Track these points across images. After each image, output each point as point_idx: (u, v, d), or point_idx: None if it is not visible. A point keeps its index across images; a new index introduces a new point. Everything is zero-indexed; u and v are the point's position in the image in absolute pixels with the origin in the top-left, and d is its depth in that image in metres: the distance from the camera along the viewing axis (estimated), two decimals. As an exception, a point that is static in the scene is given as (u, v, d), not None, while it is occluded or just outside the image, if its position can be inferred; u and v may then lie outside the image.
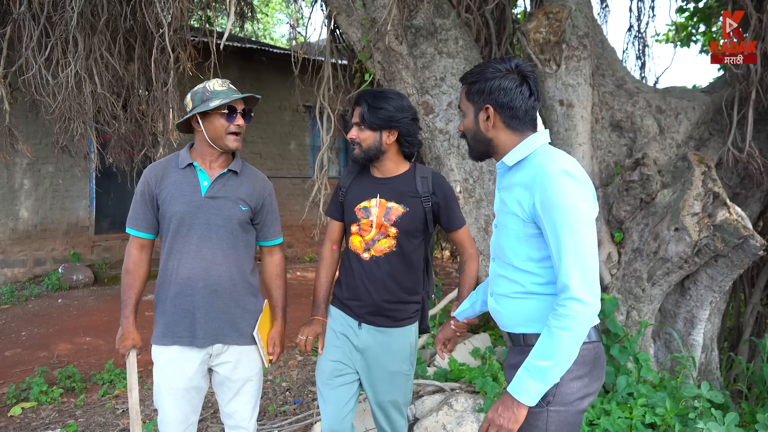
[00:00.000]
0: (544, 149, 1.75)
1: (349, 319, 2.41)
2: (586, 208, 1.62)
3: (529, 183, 1.68)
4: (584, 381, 1.71)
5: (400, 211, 2.34)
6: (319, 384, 2.44)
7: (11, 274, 8.48)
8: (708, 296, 3.60)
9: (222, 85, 2.34)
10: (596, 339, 1.76)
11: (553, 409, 1.68)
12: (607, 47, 4.42)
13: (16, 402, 4.27)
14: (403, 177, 2.39)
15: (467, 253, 2.48)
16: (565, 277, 1.59)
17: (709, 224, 3.33)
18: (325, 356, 2.43)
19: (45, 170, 8.57)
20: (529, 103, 1.75)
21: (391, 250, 2.36)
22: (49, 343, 5.80)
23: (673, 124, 4.14)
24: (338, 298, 2.47)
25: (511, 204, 1.75)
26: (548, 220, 1.63)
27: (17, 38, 4.73)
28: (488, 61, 1.80)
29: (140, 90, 5.32)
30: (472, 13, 4.57)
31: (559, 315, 1.59)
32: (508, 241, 1.78)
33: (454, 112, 4.03)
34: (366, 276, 2.35)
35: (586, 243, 1.59)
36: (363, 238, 2.37)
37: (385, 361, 2.39)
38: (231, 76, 9.86)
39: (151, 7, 4.08)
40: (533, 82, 1.75)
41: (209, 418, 3.86)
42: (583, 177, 1.66)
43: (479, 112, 1.78)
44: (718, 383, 3.87)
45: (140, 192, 2.38)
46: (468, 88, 1.81)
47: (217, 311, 2.33)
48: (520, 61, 1.77)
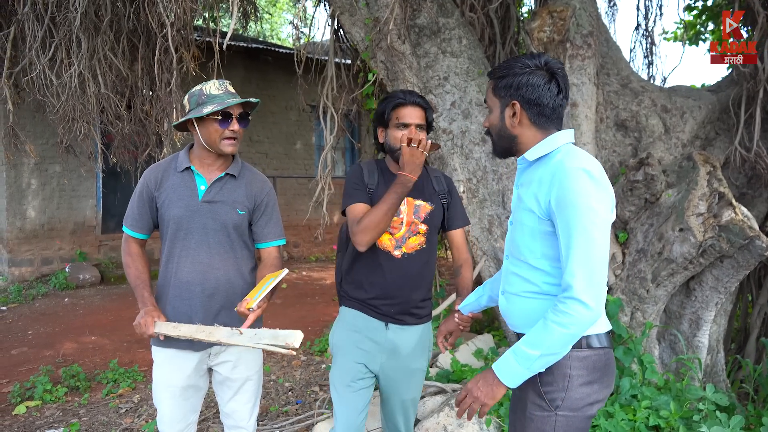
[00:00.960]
0: (567, 147, 1.72)
1: (374, 321, 2.35)
2: (601, 210, 1.59)
3: (547, 179, 1.66)
4: (594, 387, 1.69)
5: (428, 208, 2.37)
6: (339, 385, 2.37)
7: (19, 273, 8.54)
8: (713, 297, 3.56)
9: (219, 89, 2.30)
10: (607, 345, 1.73)
11: (562, 414, 1.67)
12: (612, 46, 4.38)
13: (20, 400, 4.29)
14: (422, 176, 2.40)
15: (463, 257, 2.47)
16: (570, 276, 1.56)
17: (715, 225, 3.29)
18: (349, 357, 2.36)
19: (52, 170, 8.62)
20: (556, 101, 1.72)
21: (422, 247, 2.37)
22: (55, 342, 5.83)
23: (679, 123, 4.10)
24: (358, 299, 2.39)
25: (527, 200, 1.72)
26: (562, 217, 1.60)
27: (21, 38, 4.75)
28: (517, 57, 1.77)
29: (144, 90, 5.33)
30: (475, 12, 4.54)
31: (558, 311, 1.58)
32: (523, 237, 1.75)
33: (458, 111, 4.01)
34: (399, 273, 2.33)
35: (596, 245, 1.56)
36: (393, 236, 2.34)
37: (409, 359, 2.39)
38: (237, 75, 9.90)
39: (154, 7, 4.09)
40: (562, 80, 1.72)
41: (211, 418, 3.86)
42: (603, 179, 1.63)
43: (505, 108, 1.76)
44: (724, 385, 3.83)
45: (139, 193, 2.38)
46: (495, 83, 1.78)
47: (215, 315, 2.32)
48: (550, 58, 1.74)
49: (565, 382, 1.67)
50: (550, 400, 1.68)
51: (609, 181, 1.67)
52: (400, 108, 2.33)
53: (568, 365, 1.67)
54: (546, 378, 1.69)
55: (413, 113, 2.32)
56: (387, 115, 2.35)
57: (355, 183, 2.37)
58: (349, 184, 2.38)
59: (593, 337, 1.70)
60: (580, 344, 1.67)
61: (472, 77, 4.05)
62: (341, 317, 2.45)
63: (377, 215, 2.19)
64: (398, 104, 2.33)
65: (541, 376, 1.69)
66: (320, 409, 3.72)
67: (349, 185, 2.38)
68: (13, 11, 4.72)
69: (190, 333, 2.13)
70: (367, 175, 2.38)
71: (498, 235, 3.94)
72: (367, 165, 2.43)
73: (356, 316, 2.38)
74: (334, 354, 2.42)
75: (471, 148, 3.99)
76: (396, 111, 2.33)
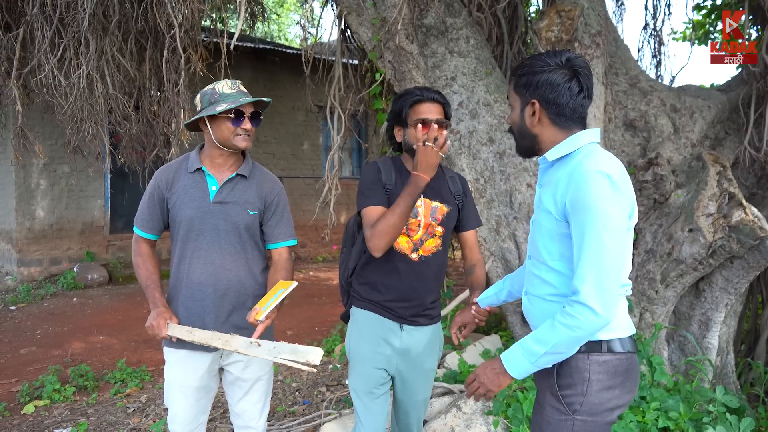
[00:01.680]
0: (589, 148, 1.68)
1: (389, 322, 2.33)
2: (616, 215, 1.55)
3: (564, 180, 1.63)
4: (615, 392, 1.66)
5: (444, 210, 2.35)
6: (361, 393, 2.35)
7: (27, 273, 8.58)
8: (723, 298, 3.54)
9: (231, 88, 2.31)
10: (631, 350, 1.69)
11: (580, 418, 1.65)
12: (620, 45, 4.36)
13: (29, 400, 4.31)
14: (438, 177, 2.37)
15: (476, 257, 2.45)
16: (580, 280, 1.54)
17: (725, 225, 3.26)
18: (370, 363, 2.33)
19: (61, 170, 8.66)
20: (577, 100, 1.67)
21: (438, 249, 2.35)
22: (63, 341, 5.86)
23: (688, 123, 4.08)
24: (374, 300, 2.35)
25: (546, 201, 1.69)
26: (576, 220, 1.58)
27: (30, 39, 4.77)
28: (539, 54, 1.73)
29: (152, 91, 5.35)
30: (483, 11, 4.53)
31: (566, 313, 1.56)
32: (542, 238, 1.73)
33: (465, 111, 4.00)
34: (415, 276, 2.31)
35: (608, 250, 1.53)
36: (411, 238, 2.31)
37: (423, 359, 2.39)
38: (244, 76, 9.92)
39: (162, 7, 4.10)
40: (584, 78, 1.67)
41: (218, 417, 3.86)
42: (622, 182, 1.59)
43: (525, 107, 1.73)
44: (734, 387, 3.80)
45: (149, 194, 2.38)
46: (516, 80, 1.75)
47: (227, 316, 2.33)
48: (573, 55, 1.68)
49: (584, 386, 1.64)
50: (568, 403, 1.66)
51: (630, 185, 1.64)
52: (418, 105, 2.28)
53: (588, 369, 1.64)
54: (564, 381, 1.66)
55: (432, 109, 2.28)
56: (405, 112, 2.30)
57: (372, 182, 2.31)
58: (365, 184, 2.32)
59: (615, 342, 1.66)
60: (601, 348, 1.64)
61: (479, 77, 4.03)
62: (355, 320, 2.42)
63: (392, 219, 2.15)
64: (416, 101, 2.29)
65: (560, 379, 1.67)
66: (327, 409, 3.72)
67: (364, 185, 2.32)
68: (22, 12, 4.74)
69: (206, 339, 2.12)
70: (384, 173, 2.33)
71: (505, 235, 3.93)
72: (383, 163, 2.37)
73: (370, 317, 2.36)
74: (352, 360, 2.39)
75: (478, 149, 3.98)
76: (414, 108, 2.29)
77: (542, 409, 1.73)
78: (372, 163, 2.38)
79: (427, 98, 2.29)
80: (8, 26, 5.07)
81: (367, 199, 2.28)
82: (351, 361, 2.41)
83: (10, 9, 4.98)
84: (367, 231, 2.21)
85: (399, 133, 2.36)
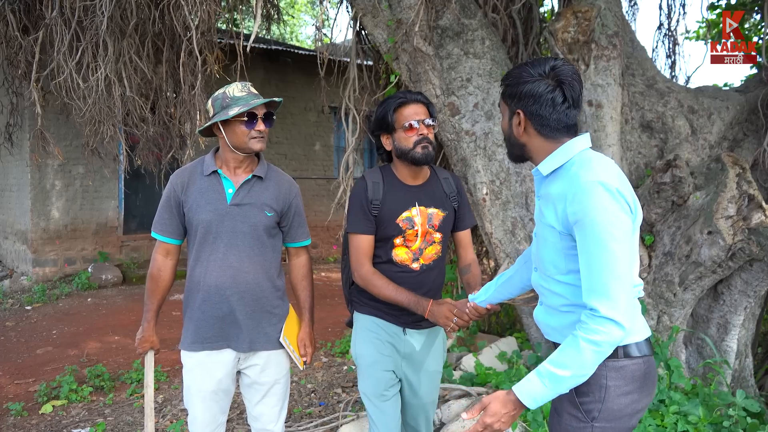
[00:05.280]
0: (582, 156, 1.66)
1: (392, 327, 2.35)
2: (621, 222, 1.53)
3: (563, 194, 1.61)
4: (633, 397, 1.64)
5: (440, 215, 2.34)
6: (373, 397, 2.34)
7: (42, 273, 8.65)
8: (742, 301, 3.51)
9: (242, 91, 2.32)
10: (648, 353, 1.68)
11: (599, 425, 1.63)
12: (637, 46, 4.34)
13: (47, 400, 4.34)
14: (431, 181, 2.38)
15: (470, 257, 2.45)
16: (596, 295, 1.52)
17: (744, 227, 3.24)
18: (379, 366, 2.33)
19: (75, 171, 8.73)
20: (560, 110, 1.65)
21: (438, 256, 2.36)
22: (79, 341, 5.90)
23: (706, 124, 4.05)
24: (376, 307, 2.36)
25: (548, 215, 1.68)
26: (580, 234, 1.56)
27: (49, 43, 4.81)
28: (525, 63, 1.71)
29: (168, 93, 5.38)
30: (498, 13, 4.52)
31: (589, 329, 1.52)
32: (548, 253, 1.71)
33: (481, 113, 3.99)
34: (418, 285, 2.29)
35: (619, 260, 1.52)
36: (410, 249, 2.31)
37: (428, 361, 2.39)
38: (256, 77, 9.95)
39: (179, 10, 4.12)
40: (568, 88, 1.64)
41: (235, 419, 3.88)
42: (622, 186, 1.57)
43: (513, 116, 1.72)
44: (753, 391, 3.77)
45: (166, 198, 2.39)
46: (503, 90, 1.74)
47: (246, 318, 2.34)
48: (559, 64, 1.65)
49: (602, 393, 1.62)
50: (586, 411, 1.64)
51: (629, 185, 1.62)
52: (403, 108, 2.27)
53: (605, 376, 1.62)
54: (582, 389, 1.64)
55: (418, 110, 2.26)
56: (390, 117, 2.27)
57: (359, 207, 2.29)
58: (352, 206, 2.31)
59: (632, 346, 1.65)
60: (617, 354, 1.62)
61: (495, 78, 4.03)
62: (359, 325, 2.42)
63: (381, 291, 2.23)
64: (400, 104, 2.27)
65: (577, 387, 1.64)
66: (344, 411, 3.72)
67: (352, 207, 2.31)
68: (41, 16, 4.78)
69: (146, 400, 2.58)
70: (372, 189, 2.30)
71: (521, 237, 3.92)
72: (371, 176, 2.34)
73: (374, 322, 2.37)
74: (360, 365, 2.39)
75: (494, 150, 3.97)
76: (399, 111, 2.27)
77: (560, 418, 1.71)
78: (360, 181, 2.36)
79: (411, 99, 2.28)
80: (26, 29, 5.12)
81: (353, 225, 2.30)
82: (359, 366, 2.40)
83: (29, 13, 5.03)
84: (355, 262, 2.29)
85: (387, 141, 2.33)
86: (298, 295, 2.56)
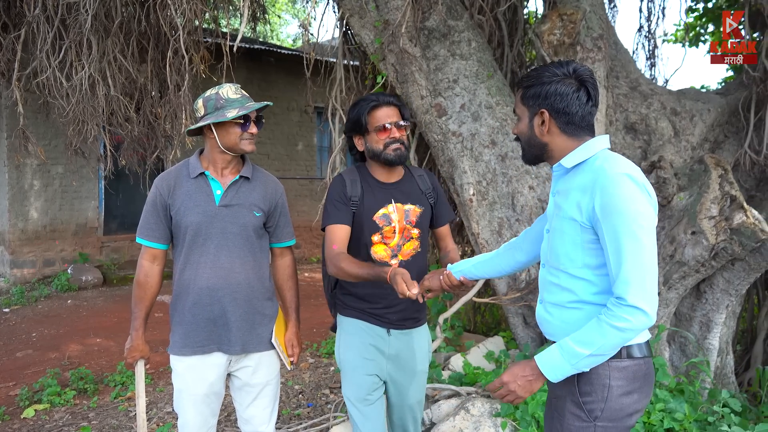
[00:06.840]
0: (605, 153, 1.71)
1: (376, 329, 2.36)
2: (648, 214, 1.59)
3: (589, 186, 1.65)
4: (634, 397, 1.68)
5: (417, 211, 2.37)
6: (356, 401, 2.34)
7: (21, 275, 8.50)
8: (724, 300, 3.58)
9: (236, 93, 2.33)
10: (648, 354, 1.72)
11: (601, 424, 1.66)
12: (620, 49, 4.40)
13: (28, 404, 4.27)
14: (406, 179, 2.42)
15: (450, 246, 2.47)
16: (625, 284, 1.55)
17: (727, 228, 3.30)
18: (360, 371, 2.34)
19: (55, 171, 8.59)
20: (585, 109, 1.72)
21: (417, 252, 2.38)
22: (59, 344, 5.81)
23: (688, 126, 4.12)
24: (360, 308, 2.37)
25: (568, 209, 1.70)
26: (608, 224, 1.59)
27: (31, 41, 4.73)
28: (545, 65, 1.77)
29: (153, 92, 5.32)
30: (484, 14, 4.55)
31: (615, 316, 1.56)
32: (564, 246, 1.73)
33: (467, 114, 4.01)
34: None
35: (647, 250, 1.56)
36: (388, 245, 2.34)
37: (413, 362, 2.41)
38: (239, 77, 9.86)
39: (165, 9, 4.08)
40: (591, 87, 1.72)
41: (223, 421, 3.85)
42: (646, 183, 1.63)
43: (534, 117, 1.76)
44: (734, 387, 3.85)
45: (152, 202, 2.36)
46: (524, 92, 1.78)
47: (239, 319, 2.34)
48: (578, 66, 1.73)
49: (605, 392, 1.66)
50: (589, 410, 1.67)
51: (650, 184, 1.67)
52: (376, 110, 2.31)
53: (608, 375, 1.66)
54: (585, 388, 1.68)
55: (390, 112, 2.31)
56: (363, 120, 2.31)
57: (337, 200, 2.31)
58: (330, 201, 2.33)
59: (634, 347, 1.69)
60: (620, 354, 1.66)
61: (481, 80, 4.05)
62: (342, 329, 2.43)
63: (351, 272, 2.16)
64: (373, 107, 2.31)
65: (580, 386, 1.68)
66: (334, 412, 3.72)
67: (329, 202, 2.33)
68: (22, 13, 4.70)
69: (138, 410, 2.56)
70: (350, 186, 2.34)
71: (508, 237, 3.95)
72: (348, 174, 2.38)
73: (357, 325, 2.38)
74: (344, 369, 2.40)
75: (481, 151, 3.99)
76: (372, 114, 2.31)
77: (562, 418, 1.74)
78: (338, 177, 2.39)
79: (384, 102, 2.32)
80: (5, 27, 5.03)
81: (329, 217, 2.31)
82: (342, 371, 2.41)
83: (11, 10, 4.93)
84: (329, 252, 2.25)
85: (360, 142, 2.38)
86: (283, 295, 2.56)
